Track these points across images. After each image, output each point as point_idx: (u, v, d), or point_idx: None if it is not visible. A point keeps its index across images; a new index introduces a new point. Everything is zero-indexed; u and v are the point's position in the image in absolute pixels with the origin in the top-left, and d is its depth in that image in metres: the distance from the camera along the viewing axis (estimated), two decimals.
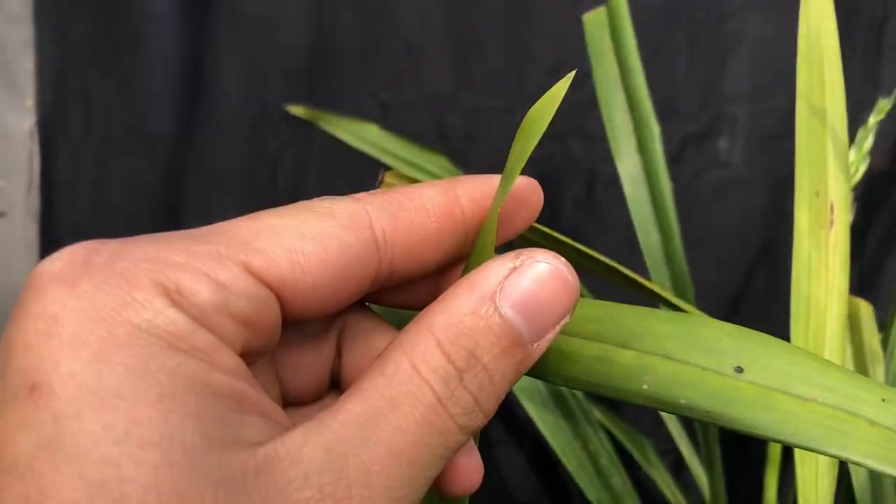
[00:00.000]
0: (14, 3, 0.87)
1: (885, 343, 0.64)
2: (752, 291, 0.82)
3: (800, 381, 0.24)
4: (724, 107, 0.81)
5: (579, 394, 0.60)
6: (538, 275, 0.24)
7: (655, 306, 0.64)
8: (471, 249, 0.27)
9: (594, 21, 0.65)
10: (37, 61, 0.87)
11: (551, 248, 0.44)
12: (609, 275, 0.44)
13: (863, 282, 0.80)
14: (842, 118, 0.45)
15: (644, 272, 0.65)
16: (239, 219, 0.25)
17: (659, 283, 0.59)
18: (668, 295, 0.45)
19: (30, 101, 0.88)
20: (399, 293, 0.28)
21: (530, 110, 0.26)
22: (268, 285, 0.23)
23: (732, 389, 0.24)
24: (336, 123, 0.85)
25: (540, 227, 0.43)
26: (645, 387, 0.24)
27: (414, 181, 0.42)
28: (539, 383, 0.61)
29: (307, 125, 0.86)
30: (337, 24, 0.84)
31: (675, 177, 0.81)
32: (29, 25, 0.87)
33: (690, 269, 0.75)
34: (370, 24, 0.84)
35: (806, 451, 0.43)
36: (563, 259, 0.24)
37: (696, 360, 0.25)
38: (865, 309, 0.65)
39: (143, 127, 0.88)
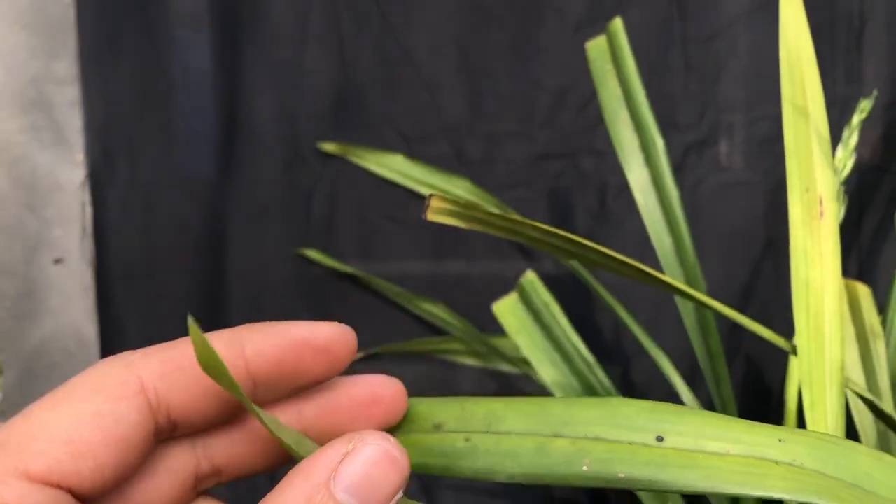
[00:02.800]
0: (61, 67, 0.95)
1: (884, 322, 0.70)
2: (761, 284, 0.88)
3: (712, 439, 0.27)
4: (720, 116, 0.87)
5: (608, 384, 0.67)
6: (369, 457, 0.25)
7: (671, 299, 0.70)
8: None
9: (596, 48, 0.72)
10: (84, 119, 0.95)
11: (573, 251, 0.50)
12: (627, 271, 0.50)
13: (862, 269, 0.86)
14: (823, 119, 0.52)
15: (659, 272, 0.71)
16: (13, 421, 0.25)
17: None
18: (682, 286, 0.51)
19: (80, 156, 0.96)
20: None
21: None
22: (55, 485, 0.23)
23: (660, 457, 0.26)
24: (364, 156, 0.92)
25: (561, 232, 0.49)
26: (585, 468, 0.26)
27: (461, 203, 0.49)
28: (573, 381, 0.67)
29: (337, 160, 0.93)
30: (359, 66, 0.91)
31: (680, 183, 0.88)
32: (76, 87, 0.95)
33: (700, 266, 0.82)
34: (389, 63, 0.91)
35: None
36: (391, 439, 0.26)
37: (622, 437, 0.27)
38: (864, 291, 0.71)
39: (184, 172, 0.95)
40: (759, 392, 0.87)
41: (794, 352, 0.52)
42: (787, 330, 0.81)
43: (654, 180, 0.65)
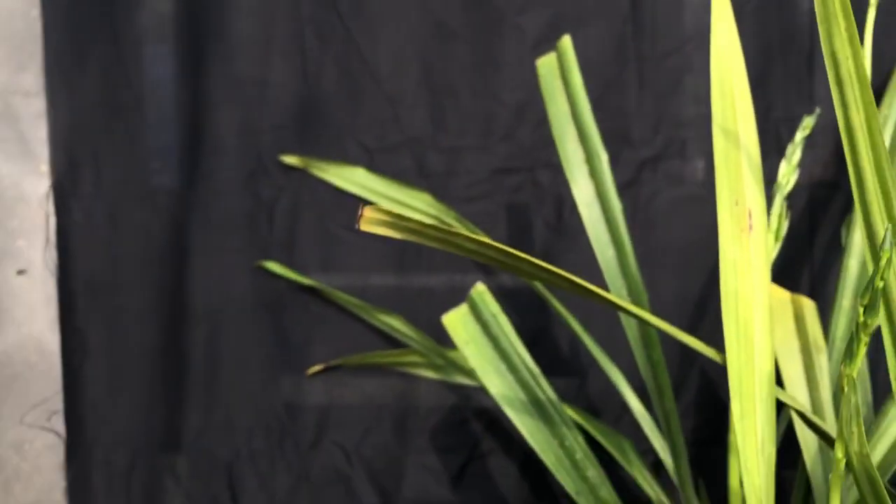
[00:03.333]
0: (27, 79, 0.96)
1: (827, 336, 0.71)
2: (715, 296, 0.89)
3: None
4: (674, 132, 0.89)
5: (555, 399, 0.67)
6: None
7: (616, 315, 0.71)
8: None
9: (546, 65, 0.74)
10: (49, 130, 0.96)
11: (527, 270, 0.51)
12: (576, 290, 0.51)
13: (814, 283, 0.87)
14: (753, 138, 0.53)
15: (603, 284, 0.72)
16: None
17: (616, 293, 0.66)
18: (625, 304, 0.52)
19: (44, 167, 0.97)
20: None
21: None
22: None
23: None
24: (326, 169, 0.93)
25: (513, 251, 0.50)
26: None
27: (392, 213, 0.50)
28: (519, 392, 0.67)
29: (299, 172, 0.94)
30: (322, 79, 0.93)
31: (634, 198, 0.89)
32: (42, 99, 0.96)
33: (654, 279, 0.83)
34: (352, 77, 0.92)
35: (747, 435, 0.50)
36: None
37: None
38: (808, 305, 0.72)
39: (148, 183, 0.96)
40: (711, 406, 0.88)
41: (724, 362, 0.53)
42: None
43: (598, 194, 0.66)
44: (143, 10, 0.94)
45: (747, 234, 0.52)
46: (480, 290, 0.71)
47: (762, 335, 0.52)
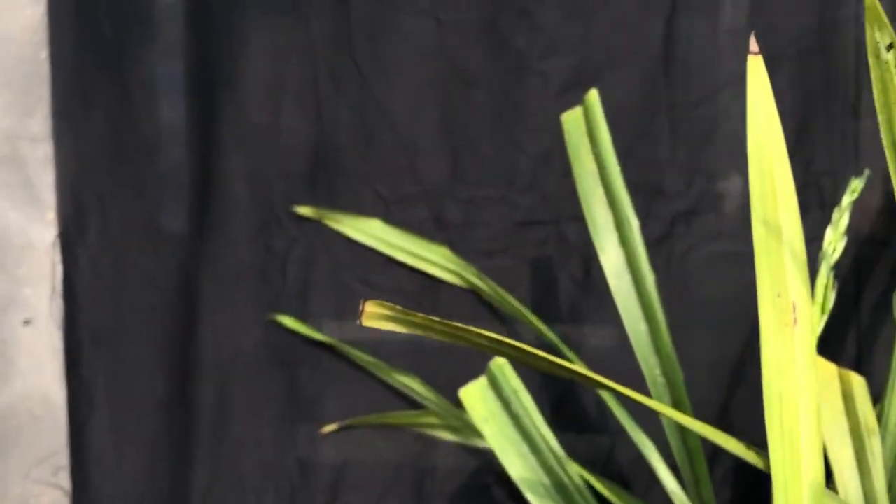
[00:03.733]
0: (35, 124, 0.93)
1: (880, 416, 0.65)
2: (753, 362, 0.83)
3: None
4: (709, 184, 0.83)
5: (580, 483, 0.62)
6: None
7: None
8: None
9: (572, 120, 0.69)
10: (56, 176, 0.93)
11: (522, 359, 0.46)
12: (610, 390, 0.46)
13: (861, 347, 0.81)
14: (797, 227, 0.47)
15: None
16: None
17: (649, 372, 0.61)
18: (667, 409, 0.47)
19: (51, 214, 0.94)
20: None
21: None
22: None
23: None
24: (341, 220, 0.89)
25: (533, 350, 0.45)
26: None
27: (396, 309, 0.46)
28: (542, 476, 0.62)
29: (313, 223, 0.90)
30: (336, 126, 0.89)
31: (667, 254, 0.84)
32: (49, 144, 0.93)
33: (687, 341, 0.77)
34: (367, 123, 0.88)
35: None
36: None
37: None
38: (858, 382, 0.66)
39: (157, 231, 0.93)
40: (745, 488, 0.82)
41: (769, 469, 0.48)
42: None
43: (629, 263, 0.61)
44: (152, 53, 0.91)
45: (791, 328, 0.47)
46: (500, 363, 0.66)
47: (810, 440, 0.47)
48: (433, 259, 0.87)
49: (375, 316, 0.45)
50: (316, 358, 0.91)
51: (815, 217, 0.82)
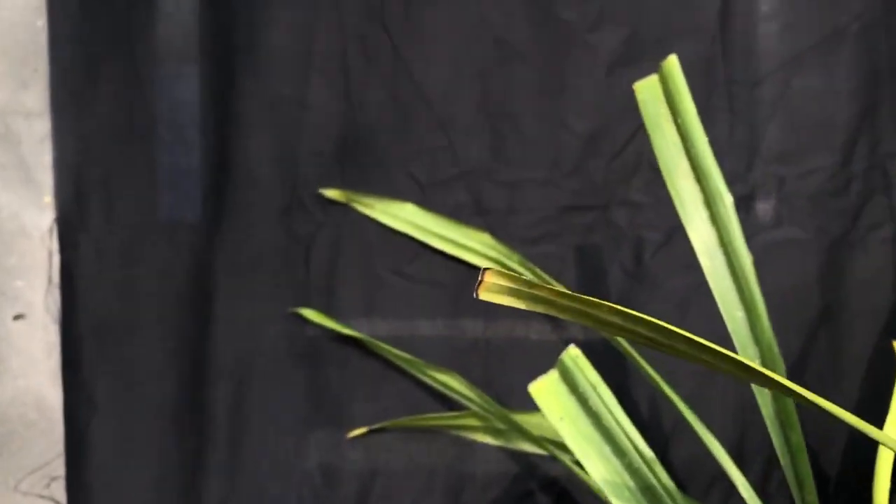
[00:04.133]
0: (30, 98, 0.85)
1: None
2: (814, 352, 0.78)
3: None
4: (769, 168, 0.79)
5: (671, 486, 0.56)
6: None
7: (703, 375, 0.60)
8: None
9: (646, 89, 0.63)
10: (54, 155, 0.84)
11: (656, 339, 0.40)
12: (696, 356, 0.40)
13: None
14: None
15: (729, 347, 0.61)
16: None
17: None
18: (768, 373, 0.41)
19: (47, 197, 0.85)
20: None
21: None
22: None
23: None
24: (371, 205, 0.82)
25: (647, 318, 0.40)
26: None
27: (521, 280, 0.39)
28: (628, 479, 0.57)
29: (341, 207, 0.83)
30: (367, 102, 0.82)
31: None
32: (45, 120, 0.84)
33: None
34: (401, 100, 0.82)
35: None
36: None
37: None
38: None
39: (167, 217, 0.85)
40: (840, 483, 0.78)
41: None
42: (843, 402, 0.71)
43: (721, 243, 0.56)
44: (163, 21, 0.83)
45: None
46: (574, 354, 0.60)
47: None
48: (472, 246, 0.80)
49: (495, 288, 0.39)
50: (343, 355, 0.83)
51: (880, 201, 0.79)
